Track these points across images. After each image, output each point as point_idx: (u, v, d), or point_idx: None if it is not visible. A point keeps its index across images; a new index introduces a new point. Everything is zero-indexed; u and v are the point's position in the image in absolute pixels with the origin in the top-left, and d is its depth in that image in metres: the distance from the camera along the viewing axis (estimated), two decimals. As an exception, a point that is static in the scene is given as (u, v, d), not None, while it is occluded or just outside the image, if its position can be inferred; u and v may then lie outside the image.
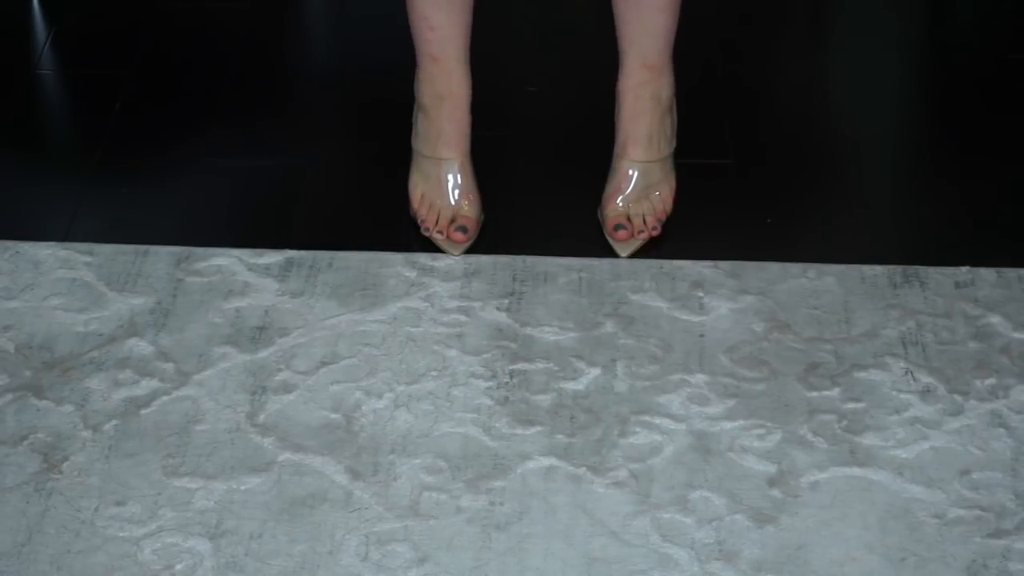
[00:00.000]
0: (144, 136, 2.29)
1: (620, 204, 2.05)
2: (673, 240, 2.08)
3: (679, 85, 2.07)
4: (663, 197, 2.07)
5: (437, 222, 2.05)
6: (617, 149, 2.07)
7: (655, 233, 2.05)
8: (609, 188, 2.07)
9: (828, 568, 1.65)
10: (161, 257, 2.05)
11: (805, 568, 1.65)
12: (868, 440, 1.79)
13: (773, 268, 2.03)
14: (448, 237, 2.04)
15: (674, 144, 2.09)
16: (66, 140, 2.34)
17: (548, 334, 1.93)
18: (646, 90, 2.04)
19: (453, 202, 2.05)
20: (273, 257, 2.05)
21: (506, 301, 1.98)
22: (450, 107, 2.03)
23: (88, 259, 2.04)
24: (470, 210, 2.06)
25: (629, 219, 2.05)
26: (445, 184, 2.05)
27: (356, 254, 2.05)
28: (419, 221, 2.05)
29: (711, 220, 2.13)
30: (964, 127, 2.31)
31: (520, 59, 2.45)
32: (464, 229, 2.04)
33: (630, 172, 2.06)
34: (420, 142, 2.07)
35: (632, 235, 2.04)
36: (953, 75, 2.42)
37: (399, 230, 2.11)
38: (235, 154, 2.26)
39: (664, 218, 2.07)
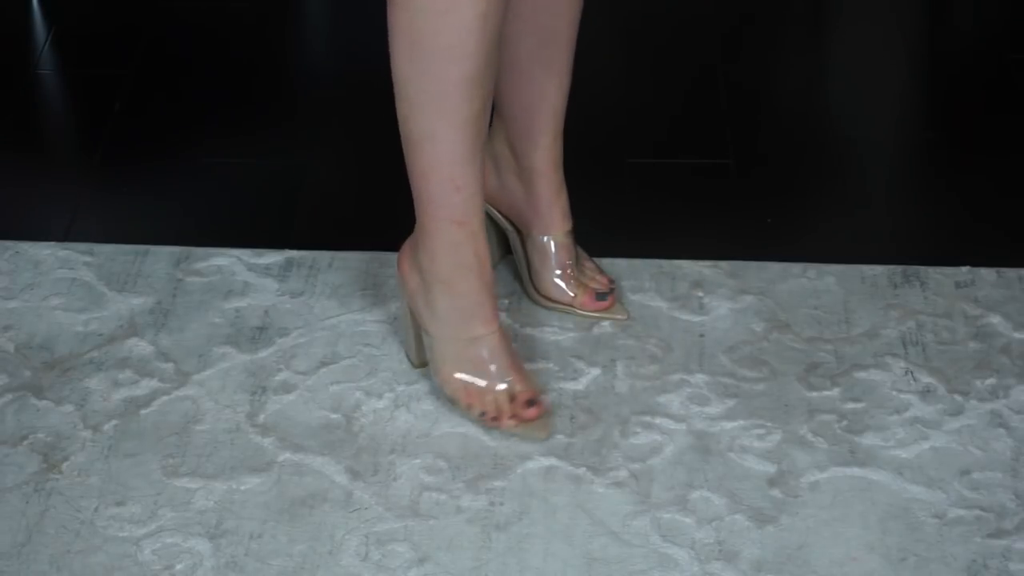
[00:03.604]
0: (144, 136, 2.29)
1: (579, 276, 1.95)
2: (673, 240, 2.08)
3: (678, 84, 2.08)
4: (584, 254, 1.97)
5: (499, 410, 1.79)
6: (542, 227, 1.92)
7: (613, 285, 1.96)
8: (556, 267, 1.93)
9: (828, 568, 1.65)
10: (161, 257, 2.05)
11: (805, 568, 1.65)
12: (868, 440, 1.79)
13: (773, 268, 2.03)
14: (523, 420, 1.79)
15: None
16: (66, 140, 2.34)
17: (548, 334, 1.93)
18: (560, 159, 1.90)
19: (505, 383, 1.79)
20: (273, 257, 2.05)
21: (506, 301, 1.98)
22: (478, 275, 1.77)
23: (88, 259, 2.04)
24: (526, 381, 1.80)
25: (591, 286, 1.94)
26: (488, 365, 1.79)
27: (356, 254, 2.05)
28: (478, 416, 1.80)
29: (711, 220, 2.13)
30: (964, 127, 2.31)
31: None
32: (533, 402, 1.79)
33: (571, 243, 1.93)
34: (446, 325, 1.79)
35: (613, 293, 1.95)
36: (953, 75, 2.42)
37: (399, 230, 2.11)
38: (235, 154, 2.26)
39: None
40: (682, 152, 2.23)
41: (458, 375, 1.79)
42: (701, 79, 2.41)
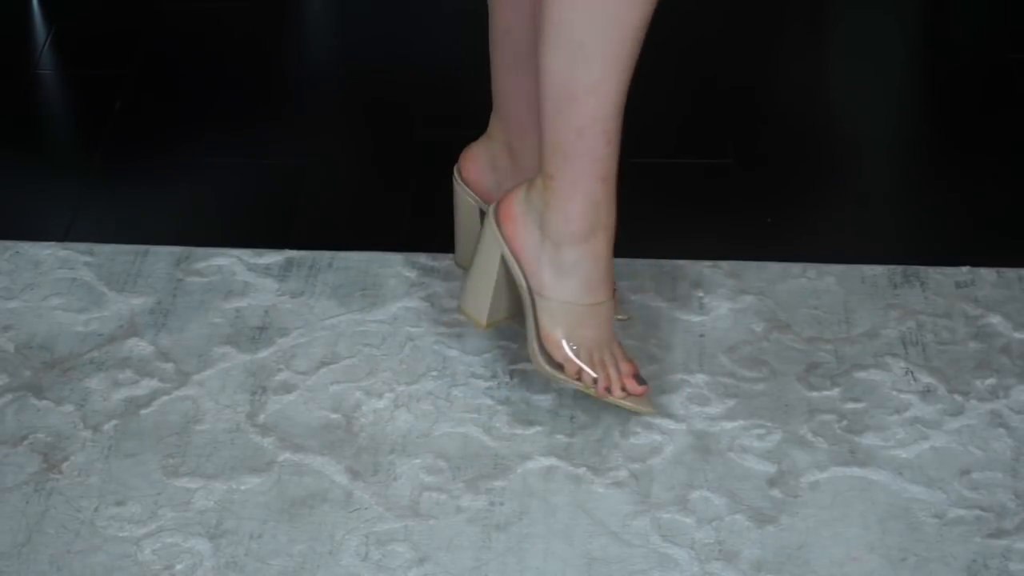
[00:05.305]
0: (144, 136, 2.29)
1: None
2: (673, 240, 2.08)
3: (678, 84, 2.08)
4: None
5: (610, 379, 1.77)
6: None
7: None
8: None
9: (828, 568, 1.65)
10: (161, 257, 2.05)
11: (805, 568, 1.65)
12: (868, 440, 1.79)
13: (773, 268, 2.03)
14: (630, 393, 1.78)
15: None
16: (66, 140, 2.34)
17: (548, 334, 1.93)
18: None
19: (616, 351, 1.78)
20: (273, 257, 2.05)
21: (506, 301, 1.97)
22: (611, 236, 1.74)
23: (88, 259, 2.04)
24: (626, 353, 1.80)
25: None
26: (601, 333, 1.76)
27: (356, 254, 2.05)
28: (590, 383, 1.77)
29: (711, 220, 2.13)
30: (964, 127, 2.31)
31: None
32: (643, 379, 1.79)
33: None
34: (570, 290, 1.74)
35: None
36: (953, 75, 2.42)
37: (399, 230, 2.11)
38: (235, 154, 2.26)
39: None
40: (682, 152, 2.23)
41: (571, 342, 1.76)
42: (701, 79, 2.41)
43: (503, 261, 1.79)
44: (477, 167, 1.91)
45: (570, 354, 1.77)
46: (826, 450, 1.78)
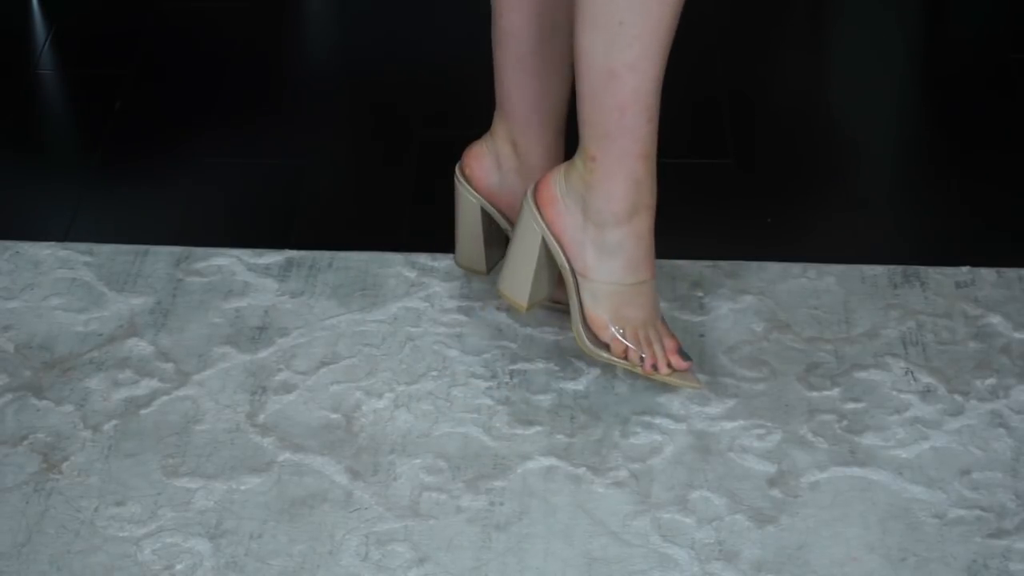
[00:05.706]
0: (144, 136, 2.29)
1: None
2: (673, 240, 2.08)
3: (678, 84, 2.07)
4: None
5: (656, 357, 1.78)
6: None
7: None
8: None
9: (828, 568, 1.65)
10: (161, 257, 2.05)
11: (805, 568, 1.65)
12: (868, 440, 1.79)
13: (773, 268, 2.03)
14: (675, 369, 1.79)
15: None
16: (66, 140, 2.34)
17: (548, 334, 1.93)
18: (562, 157, 1.90)
19: (659, 327, 1.80)
20: (273, 257, 2.05)
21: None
22: (653, 216, 1.77)
23: (88, 259, 2.04)
24: (669, 330, 1.81)
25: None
26: (644, 312, 1.78)
27: (356, 254, 2.05)
28: (637, 362, 1.79)
29: (711, 220, 2.13)
30: (964, 127, 2.30)
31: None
32: (687, 354, 1.80)
33: None
34: (613, 271, 1.77)
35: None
36: (953, 74, 2.42)
37: (399, 230, 2.11)
38: (235, 154, 2.26)
39: None
40: (682, 152, 2.23)
41: (616, 322, 1.78)
42: (701, 79, 2.41)
43: (544, 244, 1.80)
44: (482, 165, 1.91)
45: (616, 334, 1.78)
46: (826, 450, 1.78)
